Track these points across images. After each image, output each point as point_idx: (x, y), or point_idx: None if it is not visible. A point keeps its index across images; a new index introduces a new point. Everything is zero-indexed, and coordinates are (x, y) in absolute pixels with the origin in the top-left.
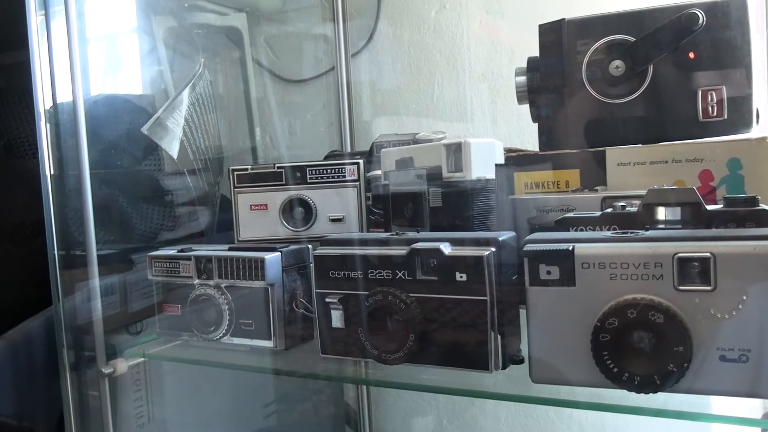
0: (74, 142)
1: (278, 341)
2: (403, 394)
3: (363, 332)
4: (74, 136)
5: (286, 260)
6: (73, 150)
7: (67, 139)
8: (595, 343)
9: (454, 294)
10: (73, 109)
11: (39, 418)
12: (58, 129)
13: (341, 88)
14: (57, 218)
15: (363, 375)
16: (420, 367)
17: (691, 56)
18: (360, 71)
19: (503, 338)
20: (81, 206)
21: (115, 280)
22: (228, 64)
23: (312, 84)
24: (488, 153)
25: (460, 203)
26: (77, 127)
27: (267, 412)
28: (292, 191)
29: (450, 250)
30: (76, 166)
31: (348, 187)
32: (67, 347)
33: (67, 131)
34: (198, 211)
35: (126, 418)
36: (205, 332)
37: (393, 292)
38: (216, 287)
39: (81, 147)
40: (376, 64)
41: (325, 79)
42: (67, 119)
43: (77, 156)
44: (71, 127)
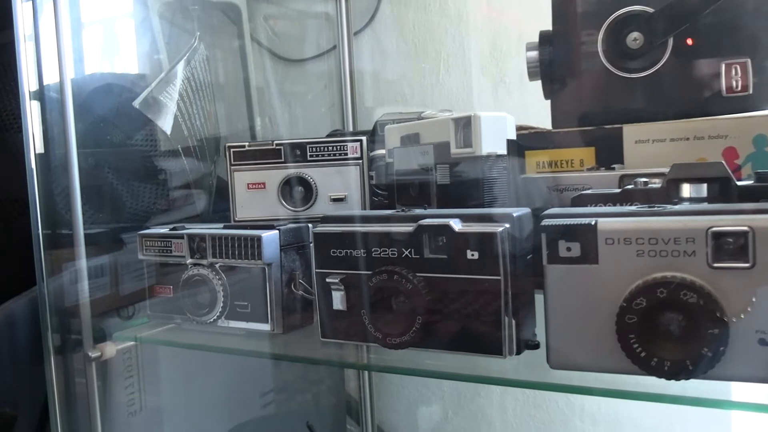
0: (60, 117)
1: (276, 324)
2: (406, 383)
3: (366, 315)
4: (61, 110)
5: (284, 239)
6: (59, 124)
7: (53, 113)
8: (621, 325)
9: (465, 273)
10: (60, 83)
11: (22, 404)
12: (43, 103)
13: (343, 68)
14: (42, 195)
15: (366, 360)
16: (427, 352)
17: (713, 28)
18: (362, 50)
19: (518, 321)
20: (67, 183)
21: (105, 260)
22: (225, 43)
23: (312, 64)
24: (499, 127)
25: (470, 180)
26: (64, 100)
27: (265, 401)
28: (291, 169)
29: (460, 226)
30: (62, 141)
31: (350, 166)
32: (52, 330)
33: (53, 105)
34: (194, 191)
35: (116, 407)
36: (198, 315)
37: (399, 271)
38: (210, 267)
39: (67, 120)
40: (378, 43)
41: (326, 59)
42: (53, 94)
43: (64, 130)
44: (58, 102)
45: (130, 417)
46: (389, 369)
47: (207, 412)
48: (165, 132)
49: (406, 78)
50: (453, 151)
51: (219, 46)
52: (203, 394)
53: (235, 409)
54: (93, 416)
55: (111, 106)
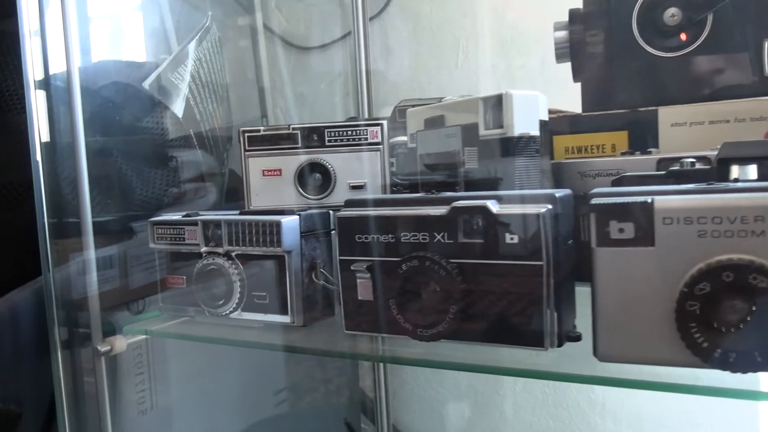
0: (66, 98)
1: (296, 316)
2: (421, 381)
3: (395, 305)
4: (67, 93)
5: (304, 225)
6: (65, 107)
7: (59, 96)
8: (681, 313)
9: (504, 259)
10: (67, 64)
11: (27, 401)
12: (48, 86)
13: (358, 55)
14: (48, 182)
15: (394, 353)
16: (460, 345)
17: (756, 3)
18: (377, 37)
19: (559, 310)
20: (74, 168)
21: (113, 251)
22: (237, 31)
23: (326, 51)
24: (532, 107)
25: (500, 164)
26: (70, 82)
27: (277, 400)
28: (308, 155)
29: (498, 207)
30: (68, 125)
31: (370, 151)
32: (59, 324)
33: (58, 88)
34: (207, 182)
35: (126, 405)
36: (213, 307)
37: (431, 257)
38: (226, 256)
39: (74, 103)
40: (394, 29)
41: (340, 47)
42: (59, 78)
43: (70, 113)
44: (64, 84)
45: (141, 416)
46: (421, 362)
47: (220, 411)
48: (176, 115)
49: (423, 65)
50: (482, 133)
51: (230, 35)
52: (216, 392)
53: (248, 407)
54: (102, 414)
55: (118, 87)
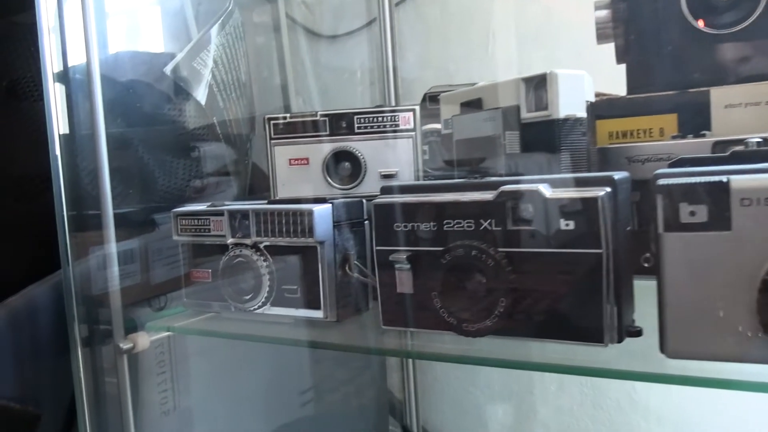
0: (86, 87)
1: (329, 311)
2: (452, 380)
3: (438, 297)
4: (87, 81)
5: (337, 214)
6: (84, 94)
7: (78, 83)
8: (763, 304)
9: (558, 247)
10: (86, 50)
11: (46, 402)
12: (66, 74)
13: (384, 42)
14: (67, 173)
15: (438, 350)
16: (509, 341)
17: None
18: (403, 23)
19: (619, 302)
20: (94, 159)
21: (134, 244)
22: (259, 20)
23: (349, 39)
24: (578, 87)
25: (545, 148)
26: (90, 69)
27: (303, 400)
28: (337, 143)
29: (551, 192)
30: (87, 113)
31: (402, 138)
32: (79, 321)
33: (77, 76)
34: (229, 168)
35: (148, 405)
36: (240, 302)
37: (477, 246)
38: (254, 247)
39: (94, 91)
40: (421, 15)
41: (365, 33)
42: (77, 64)
43: (90, 101)
44: (82, 72)
45: (163, 416)
46: (472, 360)
47: (244, 412)
48: (199, 103)
49: (451, 52)
50: (524, 116)
51: (251, 24)
52: (240, 391)
53: (273, 408)
54: (125, 415)
55: (138, 74)
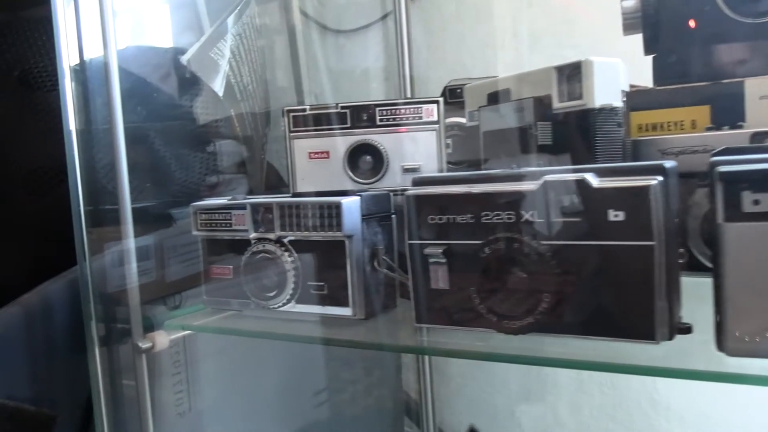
0: (101, 79)
1: (357, 309)
2: (469, 380)
3: (476, 293)
4: (104, 72)
5: (366, 207)
6: (100, 87)
7: (93, 75)
8: None
9: (607, 239)
10: (104, 41)
11: (62, 403)
12: (83, 66)
13: (399, 35)
14: (83, 166)
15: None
16: (553, 338)
17: None
18: (417, 17)
19: (670, 297)
20: (111, 152)
21: (150, 240)
22: (272, 15)
23: (364, 34)
24: (613, 75)
25: (578, 139)
26: (107, 60)
27: (318, 400)
28: (358, 136)
29: (599, 181)
30: (102, 103)
31: (425, 131)
32: (96, 319)
33: (92, 68)
34: (246, 162)
35: (163, 406)
36: (264, 299)
37: (519, 238)
38: (278, 242)
39: (111, 83)
40: (437, 9)
41: (380, 28)
42: (93, 53)
43: (107, 91)
44: (98, 64)
45: (179, 418)
46: (519, 359)
47: (259, 412)
48: (217, 95)
49: (467, 46)
50: (556, 106)
51: (265, 18)
52: (255, 392)
53: (288, 408)
54: (144, 417)
55: (154, 65)
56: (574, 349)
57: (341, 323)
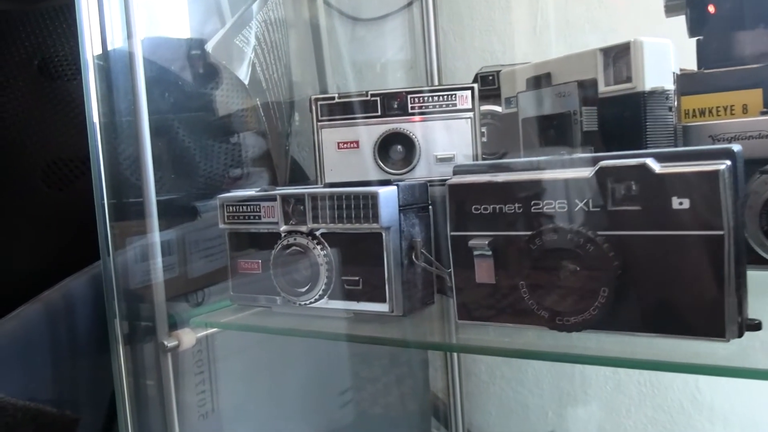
0: (126, 64)
1: (395, 305)
2: (498, 380)
3: (526, 288)
4: (128, 57)
5: (403, 197)
6: (123, 72)
7: (117, 63)
8: None
9: (670, 229)
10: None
11: (84, 404)
12: (105, 50)
13: (426, 22)
14: (107, 158)
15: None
16: (611, 336)
17: None
18: (446, 2)
19: (739, 291)
20: (136, 143)
21: (172, 235)
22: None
23: (388, 22)
24: (664, 56)
25: (627, 124)
26: (131, 43)
27: (343, 401)
28: (389, 125)
29: (660, 166)
30: (124, 94)
31: (459, 119)
32: (120, 317)
33: (116, 55)
34: (271, 153)
35: (186, 407)
36: (295, 294)
37: (574, 229)
38: (310, 235)
39: (136, 67)
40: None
41: (407, 14)
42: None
43: (131, 81)
44: (122, 53)
45: (201, 420)
46: (568, 357)
47: (284, 413)
48: (243, 83)
49: (496, 31)
50: (602, 89)
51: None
52: (279, 391)
53: (313, 409)
54: (169, 418)
55: (179, 53)
56: (628, 347)
57: (377, 320)
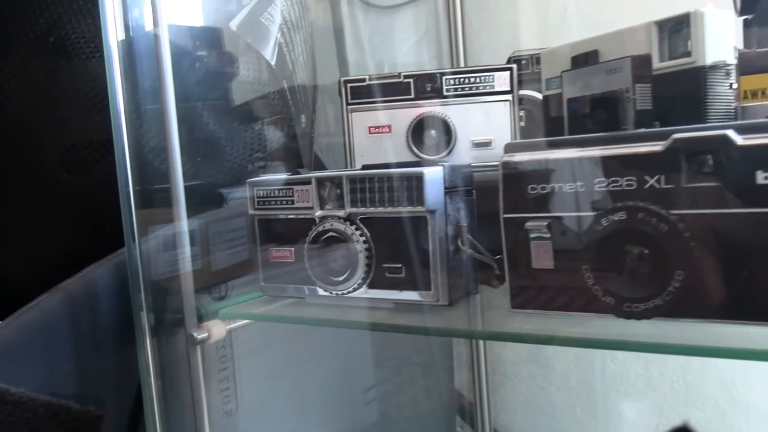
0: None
1: (441, 293)
2: (525, 377)
3: (590, 273)
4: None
5: (449, 179)
6: (148, 52)
7: (140, 42)
8: None
9: (755, 205)
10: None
11: (109, 400)
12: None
13: (453, 7)
14: (132, 143)
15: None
16: (685, 324)
17: None
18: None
19: None
20: (162, 126)
21: (195, 224)
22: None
23: (410, 9)
24: (724, 29)
25: (686, 102)
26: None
27: (367, 398)
28: (423, 108)
29: (742, 138)
30: (149, 72)
31: (497, 101)
32: (147, 308)
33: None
34: (298, 139)
35: (210, 404)
36: (331, 284)
37: (645, 207)
38: (348, 220)
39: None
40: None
41: (424, 2)
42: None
43: (156, 59)
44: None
45: (226, 417)
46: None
47: (308, 411)
48: (269, 64)
49: (524, 17)
50: (657, 65)
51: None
52: (303, 389)
53: (337, 407)
54: (198, 414)
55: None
56: (703, 335)
57: (421, 310)
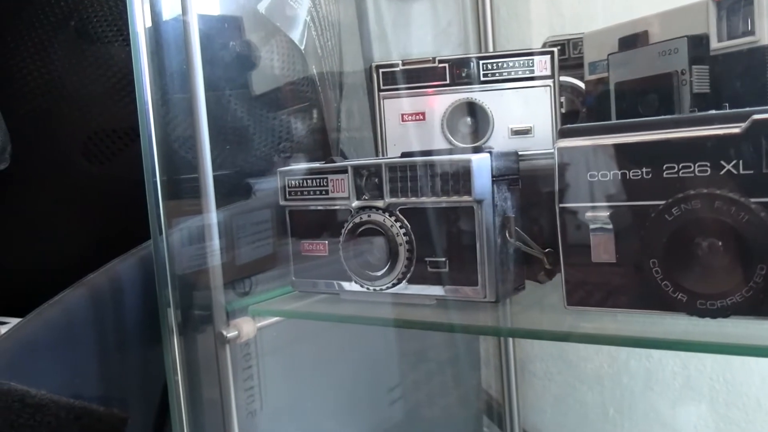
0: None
1: (488, 289)
2: (555, 376)
3: (659, 267)
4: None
5: (496, 167)
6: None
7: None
8: None
9: None
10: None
11: (133, 401)
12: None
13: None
14: (159, 132)
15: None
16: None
17: None
18: None
19: None
20: (191, 114)
21: (221, 216)
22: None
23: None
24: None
25: (747, 84)
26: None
27: (391, 398)
28: (459, 94)
29: None
30: (176, 57)
31: (537, 87)
32: (174, 305)
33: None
34: (327, 128)
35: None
36: (369, 279)
37: (721, 195)
38: (387, 211)
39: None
40: None
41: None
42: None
43: (185, 44)
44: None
45: (250, 417)
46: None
47: (333, 411)
48: (298, 47)
49: (554, 5)
50: (715, 46)
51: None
52: (327, 389)
53: (363, 408)
54: (227, 415)
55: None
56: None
57: (461, 306)
